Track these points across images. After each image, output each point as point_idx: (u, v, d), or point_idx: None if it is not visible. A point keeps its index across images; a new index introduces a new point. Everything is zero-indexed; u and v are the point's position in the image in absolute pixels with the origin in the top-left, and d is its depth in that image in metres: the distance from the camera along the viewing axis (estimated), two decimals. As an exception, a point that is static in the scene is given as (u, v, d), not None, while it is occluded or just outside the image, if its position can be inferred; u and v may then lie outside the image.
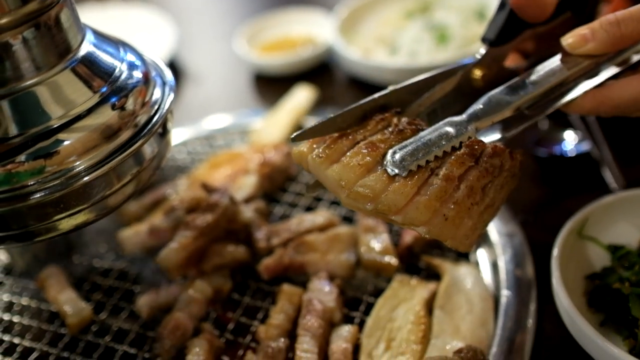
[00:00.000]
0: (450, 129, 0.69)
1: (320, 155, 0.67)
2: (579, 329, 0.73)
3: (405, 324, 0.81)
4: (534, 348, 0.80)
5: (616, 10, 0.71)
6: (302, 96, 1.30)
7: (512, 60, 0.84)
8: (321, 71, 1.51)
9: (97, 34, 0.76)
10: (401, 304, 0.84)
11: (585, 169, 1.07)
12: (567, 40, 0.74)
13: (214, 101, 1.50)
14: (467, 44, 1.39)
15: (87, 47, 0.72)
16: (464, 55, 1.26)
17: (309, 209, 1.05)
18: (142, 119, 0.71)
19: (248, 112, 1.34)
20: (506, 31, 0.78)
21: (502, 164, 0.69)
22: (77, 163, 0.65)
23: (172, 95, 0.76)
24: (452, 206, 0.64)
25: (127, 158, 0.69)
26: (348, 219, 1.01)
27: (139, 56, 0.78)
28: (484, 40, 0.79)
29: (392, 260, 0.89)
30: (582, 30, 0.73)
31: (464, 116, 0.71)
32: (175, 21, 1.76)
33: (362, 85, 1.42)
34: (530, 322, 0.82)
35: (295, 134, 0.68)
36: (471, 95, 0.75)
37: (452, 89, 0.77)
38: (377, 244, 0.92)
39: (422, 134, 0.68)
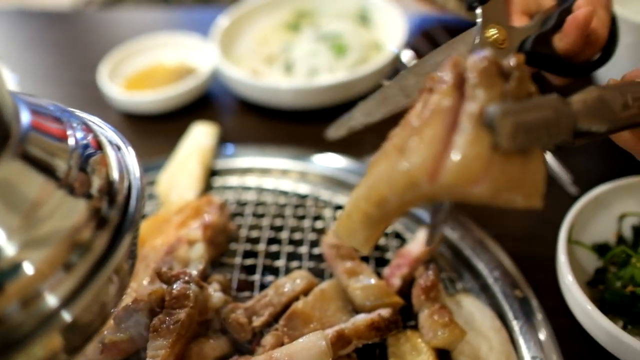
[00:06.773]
0: None
1: None
2: (618, 342, 0.70)
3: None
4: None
5: None
6: (202, 136, 1.10)
7: (518, 22, 0.74)
8: (203, 103, 1.31)
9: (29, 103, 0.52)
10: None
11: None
12: None
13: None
14: (366, 51, 1.30)
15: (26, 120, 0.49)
16: (367, 67, 1.17)
17: (266, 269, 0.88)
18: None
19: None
20: None
21: None
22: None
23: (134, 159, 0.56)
24: None
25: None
26: (316, 271, 0.85)
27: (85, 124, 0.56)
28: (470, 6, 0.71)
29: (396, 298, 0.77)
30: None
31: None
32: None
33: (256, 109, 1.26)
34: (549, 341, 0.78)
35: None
36: None
37: None
38: (369, 286, 0.78)
39: None
